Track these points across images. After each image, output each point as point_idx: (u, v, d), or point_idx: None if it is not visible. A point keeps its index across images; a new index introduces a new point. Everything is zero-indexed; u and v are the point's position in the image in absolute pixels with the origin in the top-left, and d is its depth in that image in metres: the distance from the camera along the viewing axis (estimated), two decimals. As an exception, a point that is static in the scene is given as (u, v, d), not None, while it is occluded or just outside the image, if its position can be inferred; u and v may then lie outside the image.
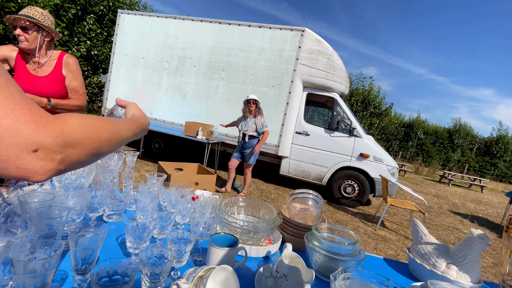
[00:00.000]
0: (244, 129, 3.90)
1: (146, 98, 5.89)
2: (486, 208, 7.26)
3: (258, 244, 0.93)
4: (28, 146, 0.30)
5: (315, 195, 1.11)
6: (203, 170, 2.52)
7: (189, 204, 0.96)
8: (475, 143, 17.84)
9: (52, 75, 1.68)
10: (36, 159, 0.31)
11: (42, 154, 0.32)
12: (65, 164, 0.35)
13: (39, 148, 0.31)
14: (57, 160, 0.34)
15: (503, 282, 0.77)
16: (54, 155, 0.33)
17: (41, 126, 0.31)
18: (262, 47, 5.02)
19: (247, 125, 3.89)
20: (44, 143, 0.31)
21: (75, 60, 1.76)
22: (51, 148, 0.32)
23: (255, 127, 3.87)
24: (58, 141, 0.33)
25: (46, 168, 0.33)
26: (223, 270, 0.57)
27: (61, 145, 0.33)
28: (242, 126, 3.96)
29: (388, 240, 3.50)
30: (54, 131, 0.33)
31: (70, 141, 0.35)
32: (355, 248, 0.86)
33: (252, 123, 3.87)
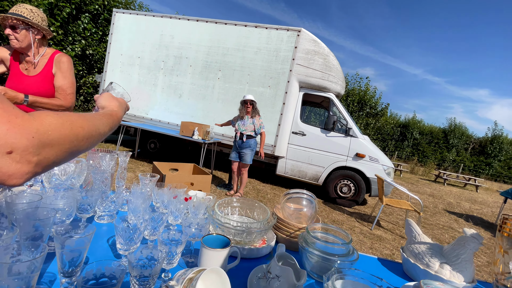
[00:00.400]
0: (242, 129, 3.87)
1: (141, 98, 5.85)
2: (481, 208, 7.34)
3: (251, 245, 0.93)
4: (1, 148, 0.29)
5: (309, 195, 1.11)
6: (199, 171, 2.51)
7: (182, 205, 0.95)
8: (470, 143, 18.03)
9: (41, 74, 1.64)
10: (11, 162, 0.30)
11: (17, 156, 0.30)
12: (42, 166, 0.34)
13: (13, 150, 0.29)
14: (34, 162, 0.32)
15: (497, 282, 0.77)
16: (31, 157, 0.31)
17: (16, 127, 0.30)
18: (259, 47, 5.01)
19: (245, 125, 3.86)
20: (18, 144, 0.30)
21: (68, 59, 1.71)
22: (27, 150, 0.31)
23: (253, 127, 3.86)
24: (34, 142, 0.31)
25: (22, 171, 0.31)
26: (213, 272, 0.56)
27: (37, 146, 0.32)
28: (239, 125, 3.92)
29: (383, 240, 3.51)
30: (29, 131, 0.31)
31: (47, 141, 0.33)
32: (348, 248, 0.86)
33: (250, 123, 3.85)
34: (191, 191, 1.16)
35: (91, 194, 0.92)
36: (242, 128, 3.86)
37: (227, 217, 1.07)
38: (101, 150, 1.25)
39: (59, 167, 0.96)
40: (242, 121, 3.90)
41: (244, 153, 3.92)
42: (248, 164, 4.00)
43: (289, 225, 1.00)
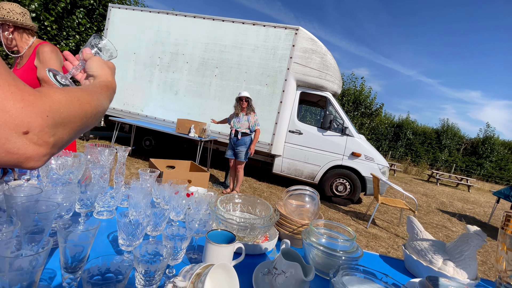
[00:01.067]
0: (237, 126, 3.86)
1: (137, 95, 5.78)
2: (473, 207, 7.48)
3: (254, 241, 0.92)
4: (17, 127, 0.27)
5: (311, 191, 1.10)
6: (196, 168, 2.48)
7: (184, 201, 0.93)
8: (462, 144, 18.35)
9: (25, 67, 1.59)
10: (28, 143, 0.28)
11: (34, 137, 0.28)
12: (57, 147, 0.32)
13: (30, 130, 0.28)
14: (51, 143, 0.31)
15: (500, 279, 0.78)
16: (47, 138, 0.30)
17: (30, 105, 0.28)
18: (256, 44, 4.99)
19: (240, 122, 3.86)
20: (34, 124, 0.28)
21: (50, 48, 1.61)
22: (43, 130, 0.29)
23: (247, 125, 3.84)
24: (49, 122, 0.30)
25: (40, 153, 0.30)
26: (221, 267, 0.55)
27: (52, 126, 0.30)
28: (234, 123, 3.91)
29: (379, 238, 3.54)
30: (43, 109, 0.29)
31: (60, 120, 0.32)
32: (353, 244, 0.86)
33: (245, 120, 3.83)
34: (192, 187, 1.14)
35: (90, 189, 0.90)
36: (237, 125, 3.85)
37: (230, 213, 1.05)
38: (99, 145, 1.22)
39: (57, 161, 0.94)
40: (237, 118, 3.89)
41: (239, 150, 3.90)
42: (243, 162, 3.98)
43: (292, 221, 1.00)
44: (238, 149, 3.91)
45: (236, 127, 3.86)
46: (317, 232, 0.86)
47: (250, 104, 3.90)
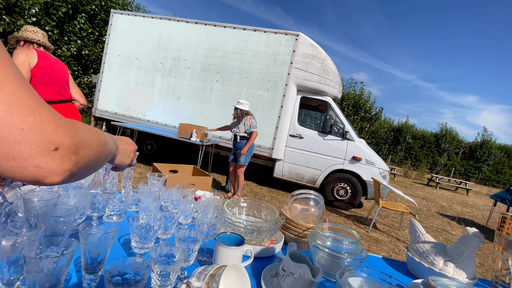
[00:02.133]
0: (236, 130, 4.01)
1: (139, 100, 5.82)
2: (472, 210, 7.49)
3: (261, 244, 0.94)
4: (50, 144, 0.30)
5: (316, 195, 1.13)
6: (199, 172, 2.51)
7: (192, 204, 0.96)
8: (461, 148, 18.41)
9: None
10: (55, 158, 0.31)
11: (61, 153, 0.32)
12: (78, 166, 0.35)
13: (59, 146, 0.31)
14: (73, 160, 0.34)
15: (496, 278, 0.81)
16: (71, 155, 0.33)
17: (62, 125, 0.32)
18: (257, 50, 5.06)
19: (238, 126, 4.01)
20: (64, 141, 0.32)
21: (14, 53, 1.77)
22: (70, 148, 0.33)
23: (244, 128, 3.96)
24: (75, 141, 0.34)
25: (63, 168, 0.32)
26: (234, 268, 0.58)
27: (77, 145, 0.34)
28: (233, 128, 4.08)
29: (380, 242, 3.56)
30: (71, 130, 0.34)
31: (83, 141, 0.36)
32: (357, 247, 0.88)
33: (242, 124, 3.96)
34: (198, 191, 1.17)
35: (101, 194, 0.93)
36: (236, 130, 4.02)
37: (236, 216, 1.08)
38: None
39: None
40: (236, 124, 4.07)
41: (238, 154, 4.02)
42: (242, 165, 4.02)
43: (297, 225, 1.02)
44: (237, 153, 4.02)
45: (235, 131, 4.02)
46: (323, 235, 0.89)
47: (242, 110, 3.99)
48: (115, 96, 5.98)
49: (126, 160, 0.63)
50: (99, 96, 6.07)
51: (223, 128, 4.42)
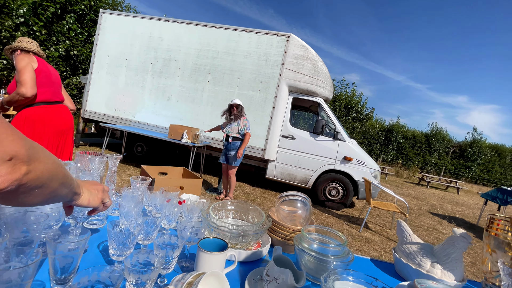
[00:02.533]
0: (228, 131, 3.94)
1: (128, 101, 5.73)
2: (462, 209, 7.64)
3: (247, 248, 0.92)
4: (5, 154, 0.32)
5: (303, 197, 1.12)
6: (189, 174, 2.46)
7: (176, 209, 0.93)
8: (451, 147, 18.79)
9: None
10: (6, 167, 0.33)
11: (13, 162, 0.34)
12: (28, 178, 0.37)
13: (14, 157, 0.33)
14: (24, 170, 0.35)
15: (486, 280, 0.80)
16: (22, 165, 0.35)
17: (18, 139, 0.35)
18: (249, 51, 5.05)
19: (231, 126, 3.94)
20: (19, 152, 0.34)
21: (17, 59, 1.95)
22: (23, 159, 0.35)
23: (237, 129, 3.90)
24: (29, 153, 0.36)
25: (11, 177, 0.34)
26: (213, 275, 0.55)
27: (30, 157, 0.36)
28: (226, 128, 4.00)
29: (371, 242, 3.58)
30: (27, 143, 0.36)
31: (37, 155, 0.38)
32: (344, 249, 0.87)
33: (235, 125, 3.90)
34: (184, 194, 1.14)
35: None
36: (228, 130, 3.94)
37: (222, 220, 1.06)
38: (90, 153, 1.21)
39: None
40: (228, 124, 3.98)
41: (230, 154, 3.94)
42: (234, 167, 3.99)
43: (284, 227, 1.01)
44: (229, 154, 3.95)
45: (228, 132, 3.93)
46: (309, 238, 0.87)
47: (239, 109, 3.93)
48: (104, 97, 5.87)
49: (95, 199, 0.62)
50: (88, 97, 5.95)
51: (216, 128, 4.38)
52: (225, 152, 4.03)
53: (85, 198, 0.59)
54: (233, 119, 3.91)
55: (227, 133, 3.94)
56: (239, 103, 3.94)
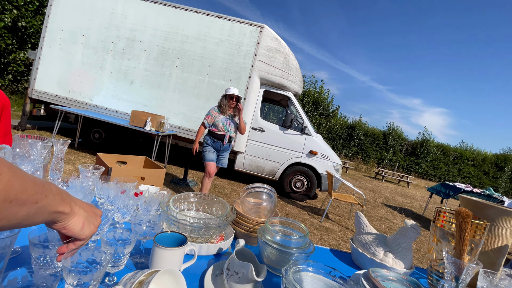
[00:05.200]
0: (231, 131, 3.22)
1: (85, 82, 5.22)
2: (411, 201, 8.45)
3: (209, 242, 0.89)
4: None
5: (269, 189, 1.11)
6: (151, 164, 2.32)
7: (131, 201, 0.86)
8: (404, 145, 20.57)
9: None
10: None
11: None
12: None
13: None
14: None
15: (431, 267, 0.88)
16: None
17: None
18: (221, 38, 4.89)
19: (232, 124, 3.23)
20: None
21: None
22: None
23: (234, 127, 3.28)
24: None
25: None
26: (167, 273, 0.51)
27: None
28: (224, 124, 3.17)
29: (331, 231, 3.78)
30: None
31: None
32: (305, 241, 0.88)
33: (234, 122, 3.27)
34: (142, 185, 1.06)
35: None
36: (229, 129, 3.19)
37: (183, 213, 1.01)
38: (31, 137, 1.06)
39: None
40: (225, 119, 3.18)
41: (224, 156, 3.34)
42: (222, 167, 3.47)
43: (248, 219, 0.99)
44: (223, 155, 3.34)
45: (230, 132, 3.21)
46: (272, 230, 0.87)
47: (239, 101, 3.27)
48: (56, 76, 5.27)
49: (90, 227, 0.45)
50: (37, 75, 5.29)
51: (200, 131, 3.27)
52: (218, 154, 3.32)
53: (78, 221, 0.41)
54: (229, 113, 3.23)
55: (230, 134, 3.21)
56: (239, 94, 3.20)
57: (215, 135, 3.18)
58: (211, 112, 3.20)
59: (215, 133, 3.18)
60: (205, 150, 3.23)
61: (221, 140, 3.18)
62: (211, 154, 3.23)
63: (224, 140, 3.18)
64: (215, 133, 3.17)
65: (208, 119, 3.18)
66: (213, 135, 3.19)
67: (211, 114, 3.20)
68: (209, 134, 3.21)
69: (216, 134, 3.17)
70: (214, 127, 3.18)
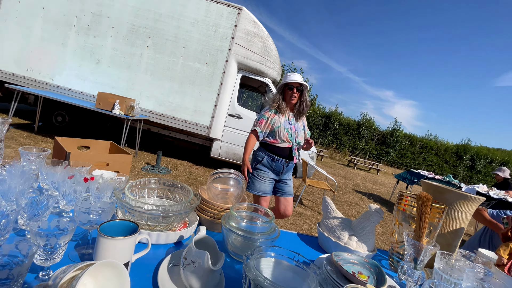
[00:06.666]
0: (298, 140, 2.00)
1: (45, 59, 4.74)
2: (380, 188, 8.94)
3: (170, 229, 0.83)
4: None
5: (236, 174, 1.07)
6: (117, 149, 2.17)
7: (80, 187, 0.77)
8: (376, 135, 21.55)
9: None
10: None
11: None
12: None
13: None
14: None
15: (392, 249, 0.90)
16: None
17: None
18: (196, 18, 4.64)
19: (299, 130, 2.03)
20: None
21: None
22: None
23: (304, 134, 2.08)
24: None
25: None
26: (107, 266, 0.45)
27: None
28: (289, 131, 1.97)
29: (304, 216, 3.89)
30: None
31: None
32: (271, 225, 0.86)
33: (301, 127, 2.08)
34: (96, 170, 0.96)
35: None
36: (295, 138, 1.99)
37: (142, 200, 0.93)
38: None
39: None
40: (289, 123, 2.00)
41: (286, 181, 2.09)
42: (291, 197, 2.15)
43: (213, 206, 0.95)
44: (286, 180, 2.08)
45: (297, 141, 2.00)
46: (237, 216, 0.83)
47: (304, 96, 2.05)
48: (13, 52, 4.73)
49: None
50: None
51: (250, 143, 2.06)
52: (279, 179, 2.06)
53: None
54: (291, 112, 2.06)
55: (297, 145, 2.00)
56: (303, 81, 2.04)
57: (275, 150, 1.97)
58: (265, 114, 2.01)
59: (274, 147, 1.97)
60: (257, 174, 2.02)
61: (285, 156, 1.97)
62: (266, 183, 2.01)
63: (293, 156, 1.97)
64: (275, 146, 1.97)
65: (262, 124, 2.00)
66: (271, 150, 1.98)
67: (265, 117, 2.00)
68: (263, 149, 2.03)
69: (277, 147, 1.96)
70: (271, 137, 1.99)
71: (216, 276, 0.61)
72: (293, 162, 2.01)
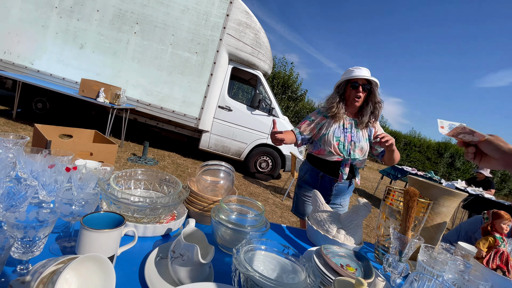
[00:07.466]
0: (352, 153, 1.51)
1: (24, 42, 4.48)
2: (365, 182, 9.18)
3: (158, 222, 0.81)
4: None
5: (227, 167, 1.05)
6: (101, 139, 2.09)
7: (62, 177, 0.73)
8: (363, 131, 22.05)
9: None
10: None
11: None
12: None
13: None
14: None
15: (378, 242, 0.92)
16: None
17: None
18: (186, 5, 4.49)
19: (357, 141, 1.53)
20: None
21: None
22: None
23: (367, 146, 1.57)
24: None
25: None
26: (91, 259, 0.43)
27: None
28: (340, 141, 1.50)
29: (292, 210, 3.94)
30: None
31: None
32: (261, 219, 0.85)
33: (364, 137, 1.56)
34: (79, 160, 0.92)
35: None
36: (351, 150, 1.51)
37: (128, 192, 0.90)
38: None
39: None
40: (342, 131, 1.52)
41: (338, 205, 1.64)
42: None
43: (203, 198, 0.93)
44: (337, 203, 1.64)
45: (353, 156, 1.52)
46: (227, 209, 0.82)
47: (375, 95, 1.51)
48: (-14, 32, 4.43)
49: None
50: (-43, 29, 4.38)
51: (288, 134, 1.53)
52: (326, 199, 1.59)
53: None
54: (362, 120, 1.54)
55: (351, 160, 1.52)
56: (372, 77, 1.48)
57: (320, 163, 1.56)
58: (311, 116, 1.63)
59: (320, 159, 1.56)
60: (300, 193, 1.65)
61: (333, 173, 1.54)
62: (309, 204, 1.61)
63: (341, 173, 1.51)
64: (321, 158, 1.55)
65: (303, 125, 1.60)
66: (315, 163, 1.59)
67: (310, 118, 1.61)
68: (308, 162, 1.65)
69: (323, 160, 1.55)
70: (316, 147, 1.58)
71: (206, 270, 0.60)
72: (347, 181, 1.56)
